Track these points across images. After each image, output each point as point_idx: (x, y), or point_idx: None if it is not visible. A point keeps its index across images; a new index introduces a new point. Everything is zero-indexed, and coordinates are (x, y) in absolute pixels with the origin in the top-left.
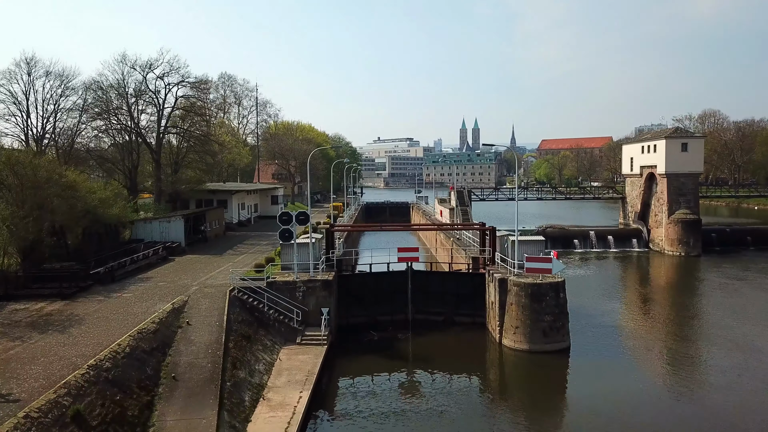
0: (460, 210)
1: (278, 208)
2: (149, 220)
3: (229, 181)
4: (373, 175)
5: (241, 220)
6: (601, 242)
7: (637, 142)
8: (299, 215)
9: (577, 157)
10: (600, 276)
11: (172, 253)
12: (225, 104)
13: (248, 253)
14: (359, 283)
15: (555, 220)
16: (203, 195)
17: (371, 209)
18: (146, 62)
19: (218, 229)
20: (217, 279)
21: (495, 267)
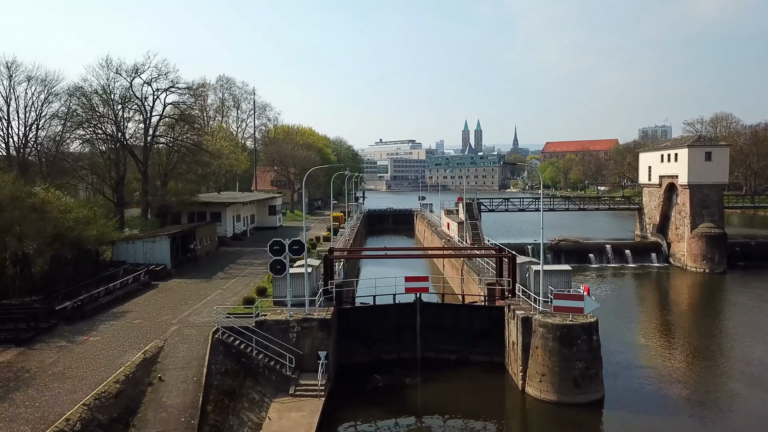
0: (469, 224)
1: (276, 219)
2: (132, 240)
3: (227, 188)
4: (374, 178)
5: (236, 233)
6: (617, 256)
7: (655, 150)
8: (293, 245)
9: (583, 161)
10: (621, 296)
11: (156, 277)
12: (223, 107)
13: (240, 277)
14: (362, 317)
15: (564, 230)
16: (195, 207)
17: (373, 217)
18: (132, 67)
19: (210, 245)
20: (201, 314)
21: (515, 300)
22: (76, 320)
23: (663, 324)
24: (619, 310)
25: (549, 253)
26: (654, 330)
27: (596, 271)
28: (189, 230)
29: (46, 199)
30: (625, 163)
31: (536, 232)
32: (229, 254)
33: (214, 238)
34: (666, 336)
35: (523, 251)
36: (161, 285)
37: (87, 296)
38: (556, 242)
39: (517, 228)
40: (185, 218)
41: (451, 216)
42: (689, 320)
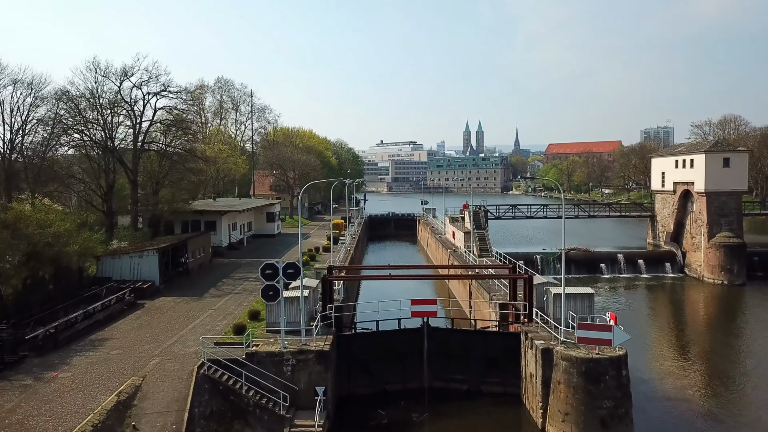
0: (476, 234)
1: (275, 226)
2: (118, 255)
3: (225, 193)
4: (376, 180)
5: (232, 242)
6: (630, 266)
7: (669, 155)
8: (287, 268)
9: (587, 163)
10: (637, 311)
11: (143, 296)
12: (222, 110)
13: (233, 294)
14: (364, 345)
15: (572, 237)
16: (189, 216)
17: (375, 222)
18: (121, 69)
19: (204, 257)
20: (187, 343)
21: (533, 327)
22: (48, 351)
23: (686, 344)
24: (636, 327)
25: (559, 263)
26: (678, 351)
27: (608, 283)
28: (180, 243)
29: (21, 213)
30: (630, 165)
31: (544, 240)
32: (224, 266)
33: (208, 250)
34: (692, 358)
35: (532, 261)
36: (148, 305)
37: (63, 322)
38: (566, 252)
39: (524, 234)
40: (179, 227)
41: (456, 224)
42: (714, 339)
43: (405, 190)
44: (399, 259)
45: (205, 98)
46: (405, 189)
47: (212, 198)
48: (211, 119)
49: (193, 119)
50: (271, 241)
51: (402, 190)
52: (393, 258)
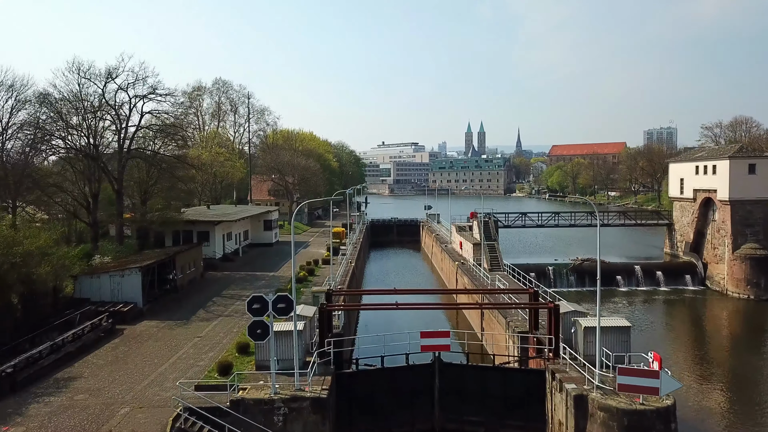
0: (486, 246)
1: (272, 235)
2: (97, 274)
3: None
4: (377, 181)
5: (226, 253)
6: (648, 279)
7: (689, 160)
8: (278, 301)
9: (593, 165)
10: (659, 328)
11: (123, 320)
12: (219, 112)
13: (223, 317)
14: (367, 383)
15: (582, 245)
16: (180, 226)
17: (377, 228)
18: (104, 71)
19: (194, 272)
20: (165, 384)
21: (560, 364)
22: (4, 395)
23: (718, 369)
24: (660, 347)
25: (572, 275)
26: (710, 378)
27: (625, 296)
28: (167, 258)
29: None
30: (637, 167)
31: (555, 249)
32: (216, 282)
33: (199, 263)
34: (731, 389)
35: (544, 273)
36: (128, 331)
37: (24, 358)
38: (579, 262)
39: (532, 242)
40: (170, 239)
41: (463, 234)
42: (748, 364)
43: (407, 192)
44: (402, 269)
45: (203, 100)
46: (407, 191)
47: (206, 206)
48: (209, 121)
49: (182, 123)
50: (268, 251)
51: (404, 192)
52: (396, 267)
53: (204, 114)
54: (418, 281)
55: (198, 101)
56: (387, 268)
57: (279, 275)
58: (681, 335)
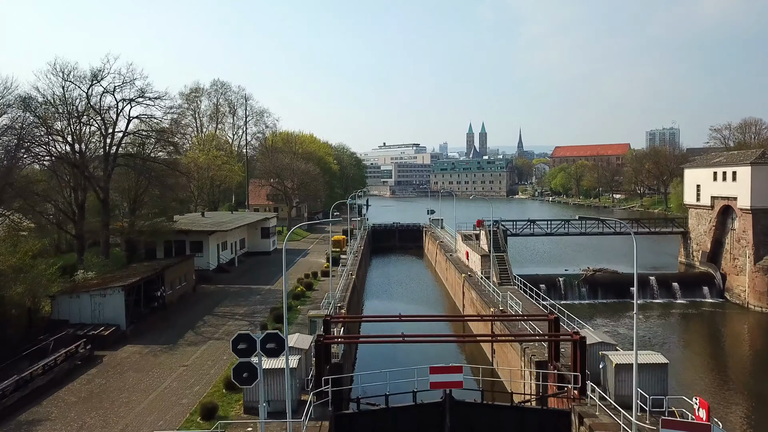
0: (495, 258)
1: (270, 243)
2: (77, 294)
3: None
4: (378, 183)
5: (221, 264)
6: (663, 290)
7: (707, 166)
8: (267, 340)
9: (597, 167)
10: (678, 345)
11: (103, 345)
12: (218, 114)
13: (213, 340)
14: (370, 425)
15: (591, 254)
16: (172, 236)
17: (378, 234)
18: (89, 73)
19: (185, 286)
20: (141, 428)
21: (586, 406)
22: None
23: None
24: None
25: (583, 287)
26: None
27: (640, 309)
28: (154, 274)
29: None
30: (643, 170)
31: (564, 258)
32: (209, 296)
33: (191, 277)
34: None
35: (554, 284)
36: (108, 359)
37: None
38: (591, 273)
39: (540, 250)
40: (161, 250)
41: (469, 243)
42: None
43: (408, 194)
44: (406, 278)
45: (201, 101)
46: (408, 193)
47: (201, 212)
48: (207, 123)
49: (173, 129)
50: (266, 260)
51: (405, 194)
52: (399, 276)
53: (202, 116)
54: (423, 294)
55: (196, 103)
56: (390, 277)
57: (275, 289)
58: (702, 353)
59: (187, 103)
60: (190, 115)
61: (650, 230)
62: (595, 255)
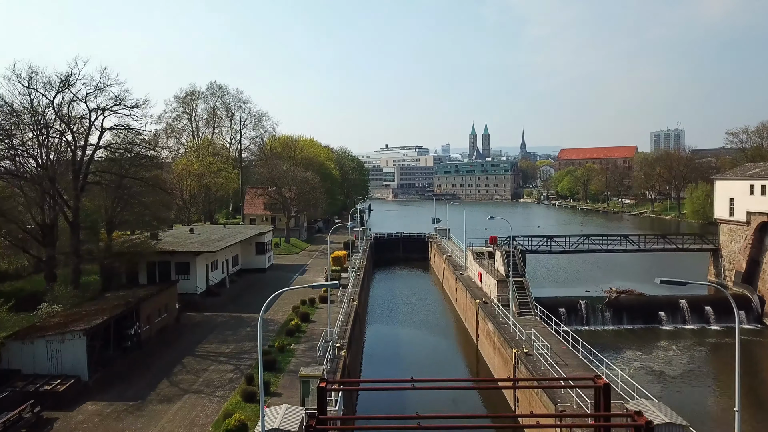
0: (513, 283)
1: (265, 259)
2: (30, 339)
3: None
4: (380, 186)
5: (210, 286)
6: (695, 315)
7: (741, 178)
8: None
9: (605, 170)
10: (721, 384)
11: (58, 403)
12: (215, 117)
13: (190, 393)
14: None
15: (613, 271)
16: (156, 257)
17: (382, 245)
18: (55, 78)
19: (167, 318)
20: None
21: None
22: None
23: None
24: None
25: (607, 311)
26: None
27: (671, 338)
28: (127, 310)
29: None
30: (654, 174)
31: (582, 276)
32: (192, 329)
33: (174, 306)
34: None
35: (575, 308)
36: (60, 423)
37: None
38: (615, 295)
39: (556, 266)
40: (143, 274)
41: (483, 263)
42: None
43: (411, 197)
44: (412, 296)
45: (197, 105)
46: (411, 196)
47: (189, 228)
48: (203, 128)
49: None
50: (261, 279)
51: (408, 196)
52: (404, 294)
53: (198, 120)
54: (431, 317)
55: (192, 106)
56: (394, 295)
57: (269, 318)
58: (748, 392)
59: (183, 106)
60: (186, 119)
61: (677, 247)
62: (616, 272)
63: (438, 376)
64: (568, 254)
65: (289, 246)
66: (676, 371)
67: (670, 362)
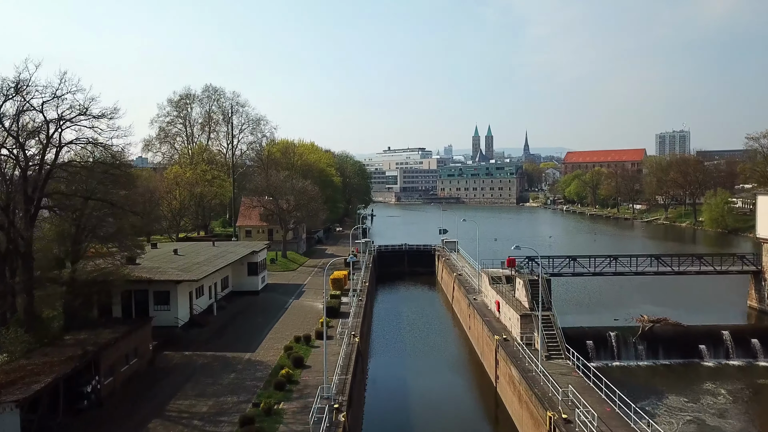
0: (541, 319)
1: (258, 280)
2: None
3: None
4: (383, 189)
5: (194, 316)
6: (741, 348)
7: None
8: None
9: (615, 174)
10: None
11: None
12: (210, 122)
13: None
14: None
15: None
16: (132, 286)
17: (386, 258)
18: (1, 83)
19: (136, 365)
20: None
21: None
22: None
23: None
24: None
25: (641, 344)
26: None
27: (714, 376)
28: (81, 365)
29: None
30: (667, 179)
31: (607, 298)
32: (169, 376)
33: (147, 347)
34: None
35: (604, 341)
36: None
37: None
38: (648, 325)
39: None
40: (118, 306)
41: (500, 288)
42: None
43: (414, 201)
44: (419, 319)
45: (192, 108)
46: (414, 199)
47: (173, 250)
48: (198, 133)
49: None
50: (253, 304)
51: (411, 200)
52: (411, 316)
53: (193, 124)
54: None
55: (186, 110)
56: (400, 319)
57: (257, 360)
58: None
59: (177, 110)
60: (180, 123)
61: (715, 269)
62: (643, 294)
63: (451, 428)
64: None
65: (286, 261)
66: (734, 427)
67: (722, 413)
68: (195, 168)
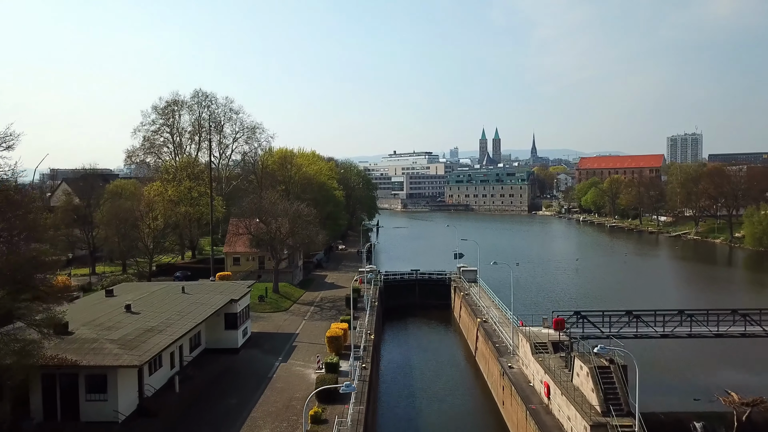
0: (619, 430)
1: (237, 336)
2: None
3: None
4: (389, 195)
5: (144, 400)
6: None
7: None
8: None
9: (634, 183)
10: None
11: None
12: (200, 131)
13: None
14: None
15: (715, 352)
16: (53, 370)
17: (393, 291)
18: None
19: None
20: None
21: None
22: None
23: None
24: None
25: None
26: None
27: None
28: None
29: None
30: (695, 190)
31: (671, 360)
32: None
33: None
34: None
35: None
36: None
37: None
38: (743, 410)
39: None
40: (37, 397)
41: (547, 363)
42: None
43: (421, 208)
44: (434, 380)
45: (180, 116)
46: (421, 206)
47: (125, 305)
48: (187, 143)
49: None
50: (230, 367)
51: (418, 207)
52: (424, 375)
53: (182, 133)
54: None
55: (174, 118)
56: (412, 385)
57: None
58: None
59: (163, 118)
60: (167, 132)
61: None
62: (714, 352)
63: None
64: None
65: (277, 298)
66: None
67: None
68: (178, 185)
